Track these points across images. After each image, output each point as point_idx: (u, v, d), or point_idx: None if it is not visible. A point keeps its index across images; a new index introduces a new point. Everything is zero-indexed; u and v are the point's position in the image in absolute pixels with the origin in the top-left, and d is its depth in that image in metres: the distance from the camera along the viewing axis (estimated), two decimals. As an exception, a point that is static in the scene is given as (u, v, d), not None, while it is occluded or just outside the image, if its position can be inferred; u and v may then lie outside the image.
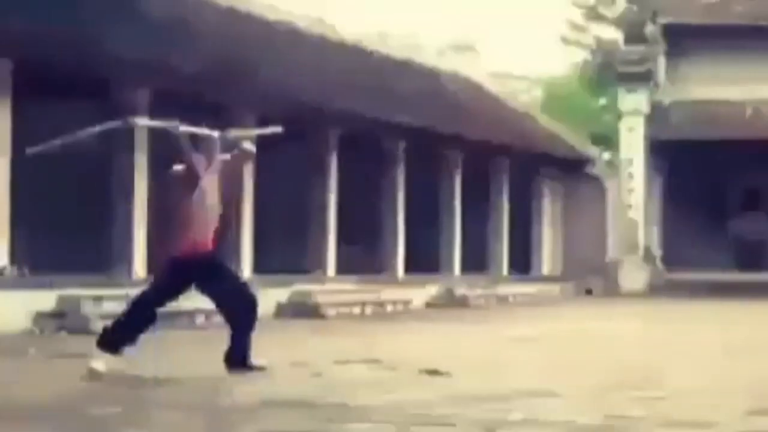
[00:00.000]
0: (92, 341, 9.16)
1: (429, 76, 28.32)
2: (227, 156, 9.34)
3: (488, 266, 28.14)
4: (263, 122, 19.49)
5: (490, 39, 69.09)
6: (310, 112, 20.36)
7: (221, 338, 9.35)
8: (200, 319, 16.04)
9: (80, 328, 13.99)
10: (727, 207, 31.95)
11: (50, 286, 15.18)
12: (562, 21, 48.80)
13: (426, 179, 25.44)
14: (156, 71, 17.13)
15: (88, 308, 14.82)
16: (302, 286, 19.85)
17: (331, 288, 20.76)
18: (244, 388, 8.33)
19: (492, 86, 32.62)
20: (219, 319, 9.46)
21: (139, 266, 17.61)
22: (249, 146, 9.44)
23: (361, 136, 22.69)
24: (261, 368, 9.10)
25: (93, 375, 8.76)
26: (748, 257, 30.97)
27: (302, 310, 18.78)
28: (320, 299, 19.37)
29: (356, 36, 26.67)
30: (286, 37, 22.72)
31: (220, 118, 19.53)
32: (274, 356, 9.76)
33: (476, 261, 27.25)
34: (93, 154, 18.51)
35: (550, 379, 9.04)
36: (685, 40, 32.17)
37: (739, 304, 24.12)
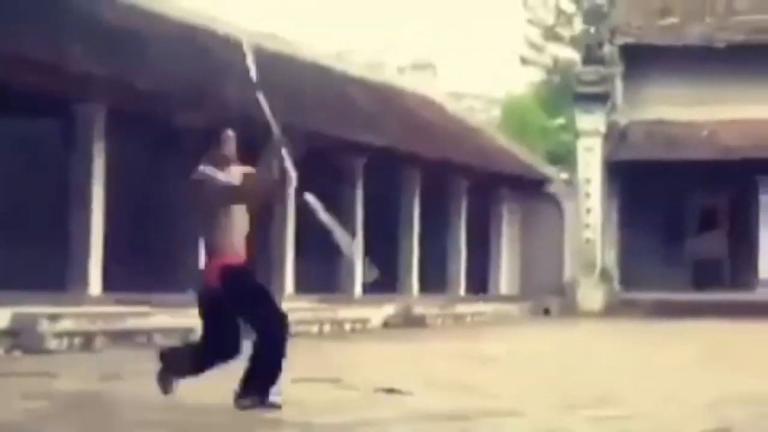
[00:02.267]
0: (48, 360, 9.02)
1: (389, 95, 28.35)
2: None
3: (446, 286, 28.12)
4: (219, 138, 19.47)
5: (449, 58, 69.28)
6: (267, 130, 20.25)
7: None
8: (159, 338, 15.93)
9: (35, 347, 13.82)
10: (684, 227, 32.11)
11: (4, 303, 14.99)
12: (520, 41, 49.03)
13: (385, 198, 25.41)
14: (113, 88, 17.03)
15: (43, 326, 14.64)
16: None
17: (289, 306, 20.60)
18: (205, 404, 8.23)
19: (451, 105, 32.69)
20: (178, 337, 9.37)
21: (96, 283, 17.45)
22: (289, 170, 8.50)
23: (319, 154, 22.63)
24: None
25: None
26: (705, 277, 31.13)
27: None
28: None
29: (316, 54, 26.67)
30: (241, 53, 22.64)
31: (176, 135, 19.54)
32: (232, 375, 9.67)
33: (434, 280, 27.23)
34: (47, 163, 18.42)
35: (510, 398, 9.01)
36: (643, 60, 32.37)
37: (696, 323, 24.22)
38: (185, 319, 17.42)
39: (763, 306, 29.00)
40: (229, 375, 8.02)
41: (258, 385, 7.86)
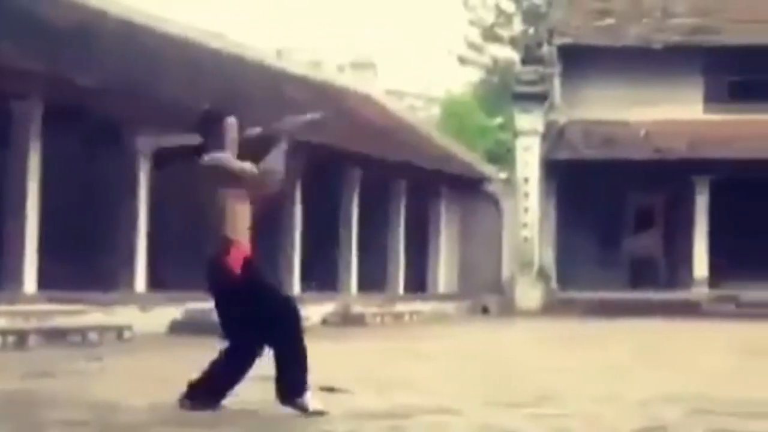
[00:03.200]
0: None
1: (329, 93, 28.32)
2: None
3: (385, 284, 28.14)
4: (159, 137, 19.40)
5: (390, 57, 69.36)
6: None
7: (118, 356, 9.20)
8: (93, 336, 15.82)
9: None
10: (621, 226, 32.35)
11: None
12: (459, 40, 49.20)
13: (324, 196, 25.39)
14: (50, 85, 16.88)
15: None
16: (198, 304, 19.63)
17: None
18: (137, 403, 8.18)
19: (391, 104, 32.72)
20: (112, 335, 9.32)
21: (31, 281, 17.29)
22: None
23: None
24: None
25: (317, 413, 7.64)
26: (641, 276, 31.39)
27: (198, 327, 18.57)
28: (216, 316, 19.14)
29: (257, 52, 26.60)
30: (186, 51, 22.57)
31: (117, 131, 19.42)
32: (169, 374, 9.62)
33: (373, 279, 27.23)
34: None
35: (449, 397, 9.03)
36: (581, 61, 32.59)
37: (632, 322, 24.41)
38: (119, 318, 17.37)
39: (697, 305, 29.32)
40: (155, 374, 7.97)
41: (288, 386, 7.65)
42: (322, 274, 25.29)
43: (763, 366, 13.35)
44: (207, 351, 8.47)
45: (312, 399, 7.66)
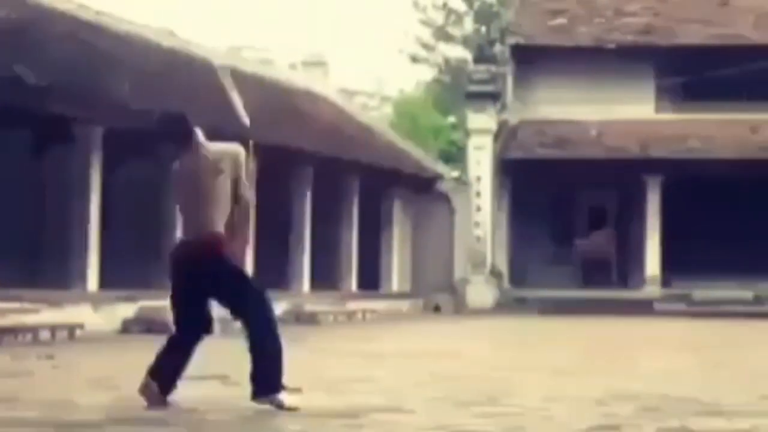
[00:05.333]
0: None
1: (280, 91, 28.24)
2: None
3: (338, 283, 28.11)
4: (110, 135, 19.28)
5: (342, 55, 69.34)
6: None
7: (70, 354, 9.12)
8: (45, 335, 15.71)
9: None
10: (573, 225, 32.50)
11: None
12: (412, 39, 49.20)
13: (277, 195, 25.30)
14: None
15: None
16: (150, 302, 19.54)
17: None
18: (89, 402, 8.12)
19: (343, 102, 32.68)
20: (64, 334, 9.25)
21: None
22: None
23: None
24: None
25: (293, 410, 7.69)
26: (594, 275, 31.54)
27: (150, 325, 18.49)
28: (168, 315, 19.07)
29: (208, 50, 26.48)
30: (136, 49, 22.43)
31: (67, 130, 19.27)
32: (121, 373, 9.56)
33: (326, 277, 27.20)
34: None
35: (400, 395, 9.02)
36: (533, 60, 32.70)
37: (584, 321, 24.52)
38: (71, 316, 17.25)
39: (648, 303, 29.50)
40: (107, 373, 7.91)
41: (263, 381, 7.78)
42: (274, 273, 25.21)
43: (714, 364, 13.43)
44: (154, 350, 8.42)
45: (287, 396, 7.71)
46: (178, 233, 21.64)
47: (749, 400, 8.92)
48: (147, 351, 8.61)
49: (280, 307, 23.55)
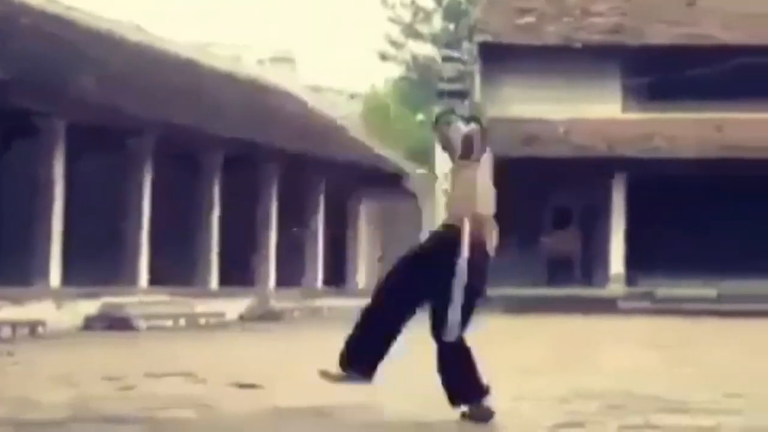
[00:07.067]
0: None
1: (248, 87, 28.15)
2: None
3: (304, 279, 28.05)
4: (74, 129, 19.16)
5: (310, 52, 69.24)
6: (124, 121, 20.00)
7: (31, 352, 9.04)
8: (6, 331, 15.60)
9: None
10: (539, 223, 32.54)
11: None
12: (380, 37, 49.22)
13: (243, 192, 25.22)
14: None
15: None
16: (112, 299, 19.44)
17: (143, 300, 20.39)
18: (51, 399, 8.05)
19: (311, 99, 32.62)
20: (26, 331, 9.18)
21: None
22: None
23: (178, 147, 22.37)
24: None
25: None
26: (559, 273, 31.62)
27: (113, 322, 18.40)
28: (132, 311, 19.00)
29: (178, 45, 26.38)
30: (103, 43, 22.31)
31: (31, 125, 19.14)
32: (83, 370, 9.49)
33: (292, 274, 27.13)
34: None
35: (366, 393, 8.98)
36: (501, 58, 32.71)
37: (549, 319, 24.57)
38: (33, 313, 17.14)
39: (612, 301, 29.58)
40: (69, 370, 7.84)
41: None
42: (240, 270, 25.14)
43: (678, 361, 13.47)
44: (121, 346, 8.36)
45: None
46: (144, 229, 21.58)
47: (713, 398, 8.94)
48: (109, 348, 8.54)
49: (245, 303, 23.53)
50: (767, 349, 16.35)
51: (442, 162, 30.39)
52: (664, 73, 31.10)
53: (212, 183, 23.91)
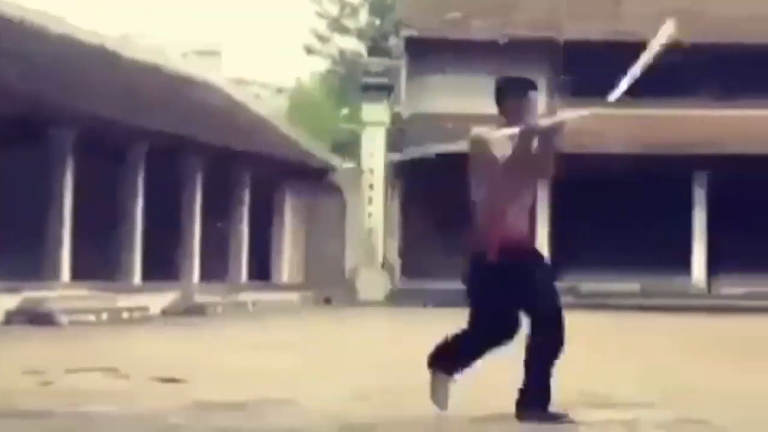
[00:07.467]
0: None
1: (173, 81, 27.95)
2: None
3: (228, 274, 27.91)
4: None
5: (235, 45, 68.92)
6: (46, 112, 19.76)
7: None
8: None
9: None
10: (464, 217, 32.62)
11: None
12: (307, 31, 49.11)
13: (167, 185, 25.02)
14: None
15: None
16: (34, 293, 19.20)
17: (65, 294, 20.16)
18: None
19: (236, 92, 32.47)
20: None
21: None
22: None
23: (100, 139, 22.14)
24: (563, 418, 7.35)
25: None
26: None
27: (34, 317, 18.17)
28: (53, 306, 18.78)
29: (101, 37, 26.12)
30: (25, 34, 22.03)
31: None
32: (3, 365, 9.35)
33: (216, 268, 26.99)
34: None
35: (288, 387, 8.94)
36: (426, 54, 32.77)
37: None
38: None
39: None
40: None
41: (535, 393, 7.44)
42: (164, 264, 24.94)
43: (603, 355, 13.56)
44: (42, 341, 8.25)
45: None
46: (66, 223, 21.34)
47: (639, 391, 9.01)
48: (30, 343, 8.43)
49: (168, 297, 23.35)
50: (688, 343, 16.53)
51: (368, 156, 30.29)
52: (589, 69, 31.29)
53: (136, 176, 23.69)
